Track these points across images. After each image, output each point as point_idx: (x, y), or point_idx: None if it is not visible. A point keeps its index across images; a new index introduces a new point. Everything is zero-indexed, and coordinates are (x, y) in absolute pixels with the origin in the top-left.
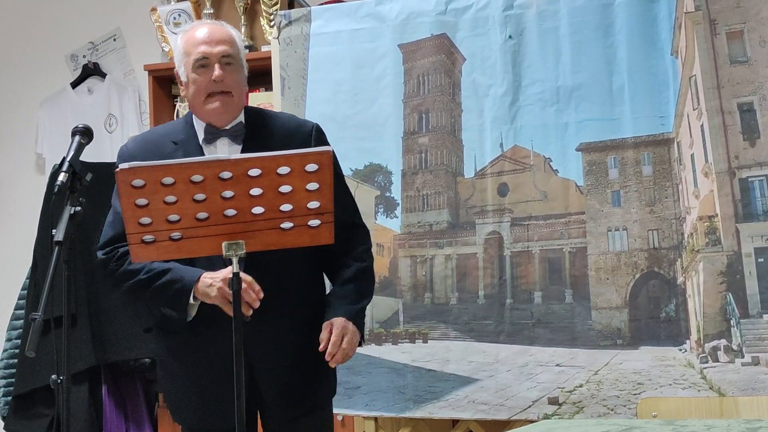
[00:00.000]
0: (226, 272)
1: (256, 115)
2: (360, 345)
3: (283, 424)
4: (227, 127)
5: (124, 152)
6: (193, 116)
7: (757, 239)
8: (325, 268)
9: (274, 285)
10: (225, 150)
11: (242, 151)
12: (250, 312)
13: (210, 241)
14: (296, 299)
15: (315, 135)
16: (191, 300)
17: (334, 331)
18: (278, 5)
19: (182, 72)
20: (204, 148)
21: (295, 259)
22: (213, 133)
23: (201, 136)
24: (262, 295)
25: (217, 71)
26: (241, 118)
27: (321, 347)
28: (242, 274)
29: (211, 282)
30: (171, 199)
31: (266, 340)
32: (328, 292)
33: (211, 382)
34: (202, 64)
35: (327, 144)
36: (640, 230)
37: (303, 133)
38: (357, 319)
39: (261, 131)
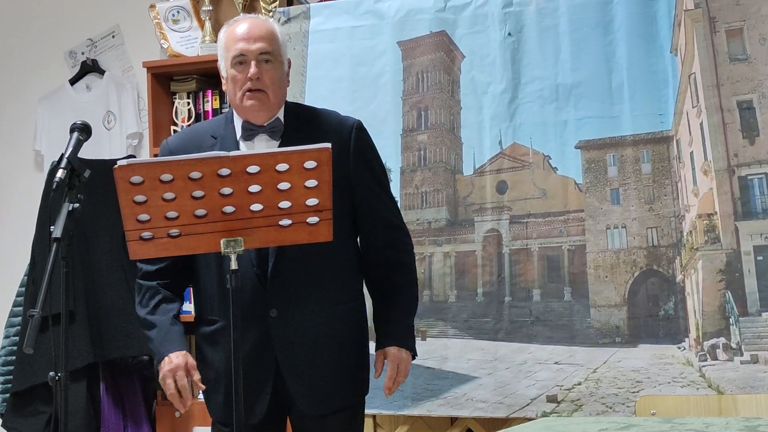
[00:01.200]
0: (177, 362)
1: (296, 111)
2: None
3: (312, 422)
4: (264, 124)
5: (164, 146)
6: (234, 112)
7: (756, 237)
8: (367, 268)
9: (305, 279)
10: (263, 146)
11: (279, 147)
12: (181, 408)
13: (208, 238)
14: (327, 294)
15: (355, 134)
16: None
17: (390, 365)
18: (277, 2)
19: (222, 67)
20: (242, 144)
21: (329, 254)
22: (250, 130)
23: (239, 132)
24: (190, 400)
25: (252, 69)
26: (280, 114)
27: (376, 376)
28: (189, 360)
29: (162, 374)
30: (169, 196)
31: (293, 336)
32: (372, 300)
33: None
34: (240, 60)
35: (369, 143)
36: (639, 228)
37: (344, 129)
38: (409, 341)
39: (300, 128)
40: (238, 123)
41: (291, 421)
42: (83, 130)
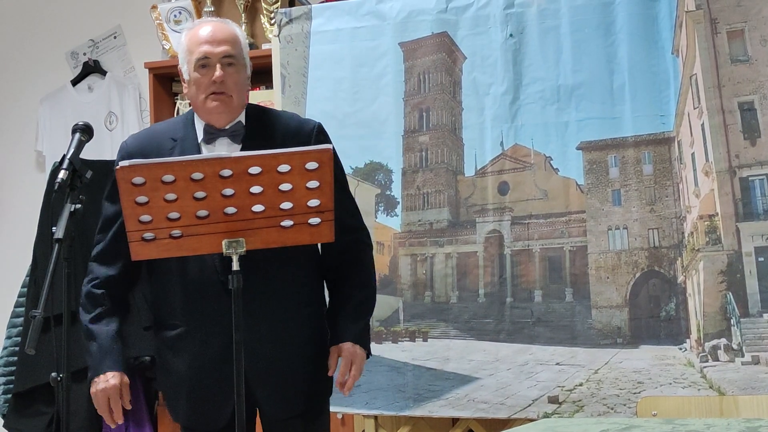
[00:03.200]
0: (113, 383)
1: (257, 114)
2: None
3: (278, 424)
4: (226, 127)
5: (123, 148)
6: (194, 115)
7: (758, 238)
8: (325, 271)
9: (268, 284)
10: (224, 150)
11: (241, 151)
12: (112, 424)
13: (210, 239)
14: (290, 299)
15: (315, 135)
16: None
17: (343, 360)
18: (279, 3)
19: (185, 70)
20: (203, 147)
21: (291, 259)
22: (212, 133)
23: (200, 135)
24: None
25: (218, 72)
26: (241, 117)
27: (330, 372)
28: (124, 379)
29: (95, 391)
30: (171, 196)
31: (257, 341)
32: (329, 301)
33: (202, 382)
34: (203, 64)
35: (328, 143)
36: (641, 229)
37: (304, 132)
38: (363, 339)
39: (261, 131)
40: (199, 126)
41: (262, 423)
42: (85, 131)
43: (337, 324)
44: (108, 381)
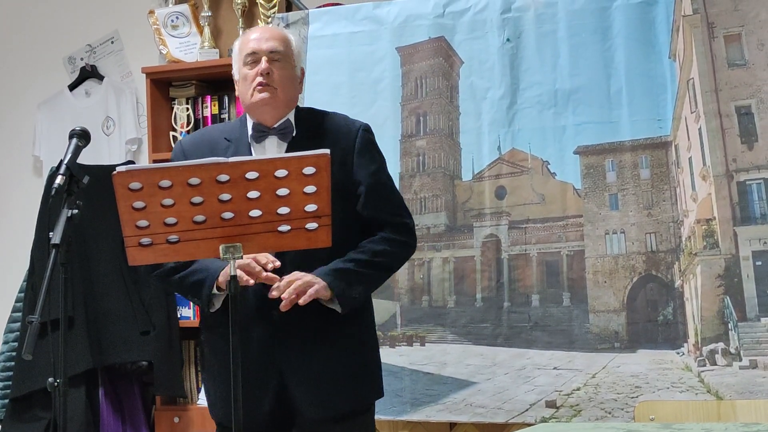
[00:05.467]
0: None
1: (306, 114)
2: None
3: (317, 427)
4: (275, 126)
5: (178, 146)
6: (247, 115)
7: (755, 242)
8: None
9: None
10: (273, 149)
11: (287, 150)
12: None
13: (207, 244)
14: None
15: (361, 134)
16: (215, 290)
17: (288, 277)
18: (276, 8)
19: (236, 70)
20: (252, 146)
21: (336, 254)
22: (261, 131)
23: (250, 133)
24: (270, 267)
25: (263, 64)
26: (290, 116)
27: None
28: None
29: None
30: (168, 202)
31: (296, 344)
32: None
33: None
34: (252, 59)
35: (374, 145)
36: (638, 233)
37: (351, 133)
38: (332, 277)
39: (310, 131)
40: (250, 125)
41: (297, 426)
42: (82, 136)
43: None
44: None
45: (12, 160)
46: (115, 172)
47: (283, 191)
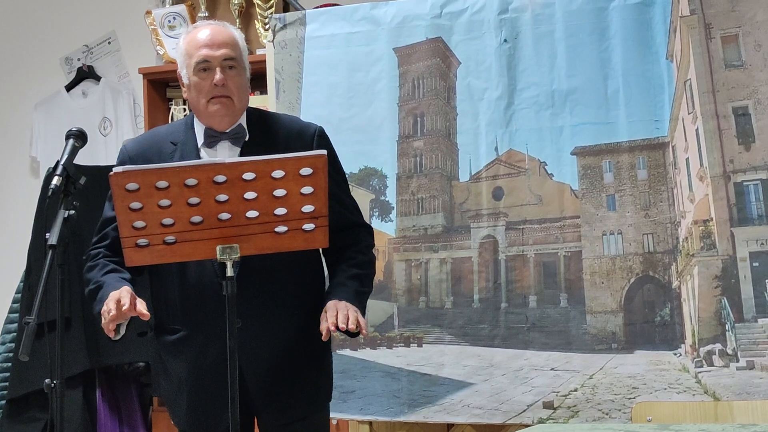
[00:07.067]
0: (125, 288)
1: (258, 118)
2: (357, 334)
3: (277, 429)
4: (227, 131)
5: (123, 152)
6: (194, 118)
7: (752, 243)
8: (327, 266)
9: (268, 288)
10: (225, 153)
11: (241, 155)
12: (114, 335)
13: (204, 245)
14: (291, 303)
15: (317, 140)
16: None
17: (329, 311)
18: (273, 8)
19: (184, 74)
20: (204, 151)
21: (293, 262)
22: (213, 137)
23: (201, 139)
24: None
25: (218, 75)
26: (242, 120)
27: (323, 337)
28: (126, 293)
29: (105, 302)
30: (165, 202)
31: (254, 346)
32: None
33: (201, 386)
34: (204, 67)
35: (331, 149)
36: (635, 234)
37: (306, 136)
38: (357, 301)
39: (262, 134)
40: (199, 129)
41: (259, 428)
42: (79, 137)
43: (330, 294)
44: (120, 290)
45: (9, 161)
46: (112, 173)
47: (280, 192)
